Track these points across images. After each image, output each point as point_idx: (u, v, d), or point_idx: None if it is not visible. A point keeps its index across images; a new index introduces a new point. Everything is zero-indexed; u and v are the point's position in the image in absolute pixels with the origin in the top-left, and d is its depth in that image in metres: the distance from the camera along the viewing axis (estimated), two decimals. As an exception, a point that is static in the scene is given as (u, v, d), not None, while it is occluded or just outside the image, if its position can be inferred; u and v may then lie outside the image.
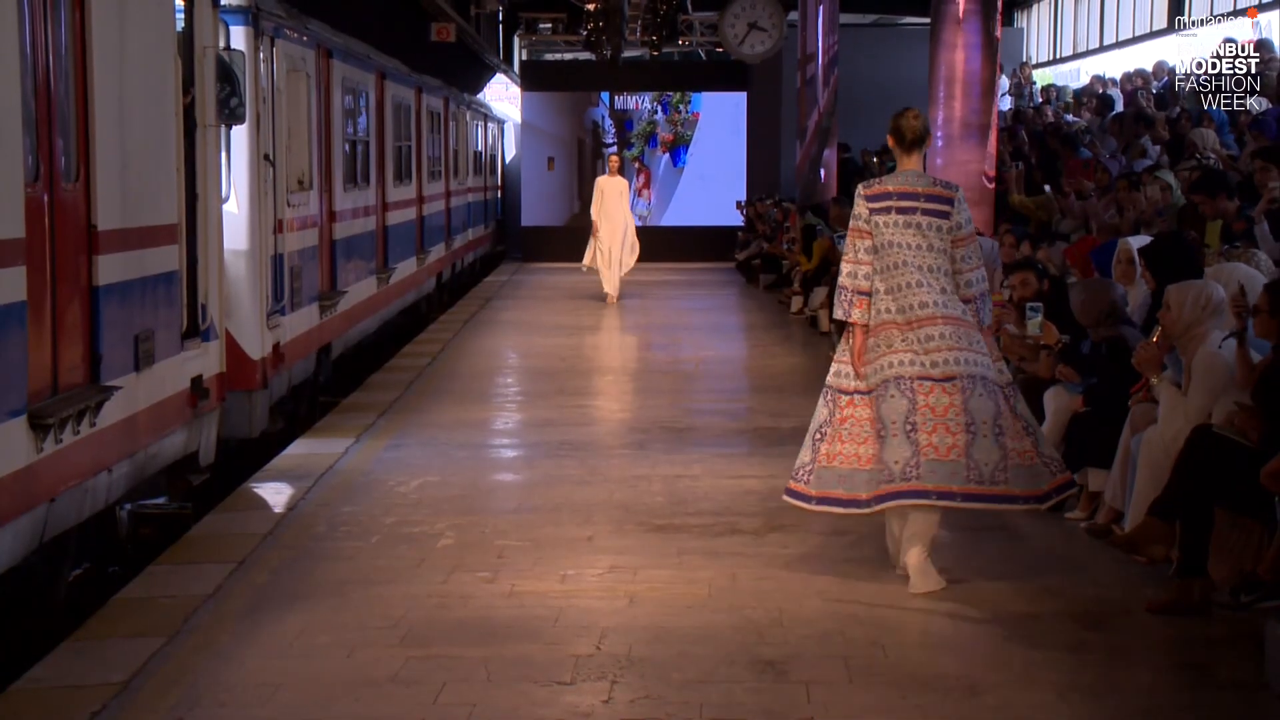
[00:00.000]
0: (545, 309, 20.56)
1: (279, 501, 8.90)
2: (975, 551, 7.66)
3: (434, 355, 15.57)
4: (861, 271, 6.95)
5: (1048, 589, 6.95)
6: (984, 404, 6.78)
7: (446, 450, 10.43)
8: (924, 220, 6.91)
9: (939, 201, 6.94)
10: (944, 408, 6.77)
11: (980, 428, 6.77)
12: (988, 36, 13.78)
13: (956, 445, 6.76)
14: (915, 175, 7.04)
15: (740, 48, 26.15)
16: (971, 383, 6.79)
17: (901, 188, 6.97)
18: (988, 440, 6.78)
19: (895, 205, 6.94)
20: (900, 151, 7.09)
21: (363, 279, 15.58)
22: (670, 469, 9.75)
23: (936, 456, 6.77)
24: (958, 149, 14.01)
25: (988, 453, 6.78)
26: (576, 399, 13.00)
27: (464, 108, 26.57)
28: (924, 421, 6.78)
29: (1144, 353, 7.38)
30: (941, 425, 6.77)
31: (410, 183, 19.55)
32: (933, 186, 6.99)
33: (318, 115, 13.35)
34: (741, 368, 15.23)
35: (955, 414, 6.76)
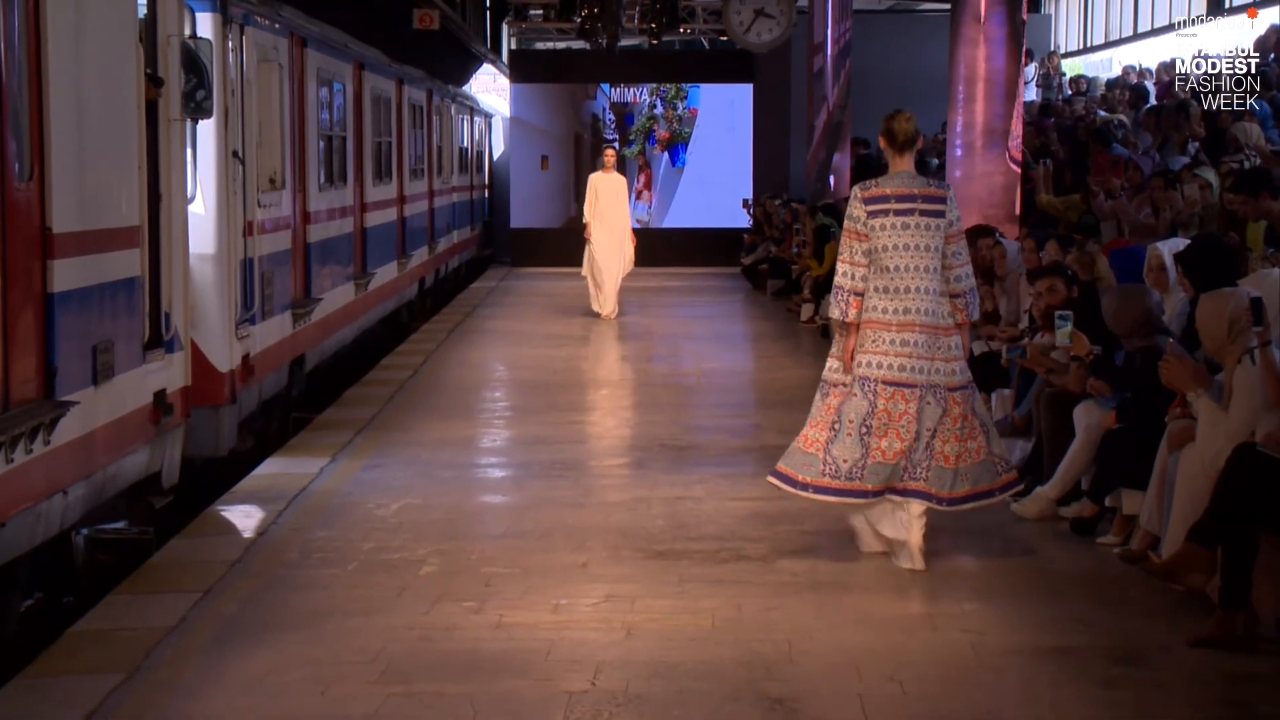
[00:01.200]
0: (536, 317, 20.56)
1: (248, 526, 8.88)
2: (1000, 579, 7.65)
3: (416, 368, 15.57)
4: (858, 273, 7.77)
5: (1079, 620, 6.94)
6: (931, 411, 7.72)
7: (430, 470, 10.41)
8: (921, 220, 7.72)
9: (934, 201, 7.77)
10: (899, 414, 7.70)
11: (924, 435, 7.71)
12: (1013, 29, 13.66)
13: (902, 450, 7.71)
14: (909, 177, 7.83)
15: (746, 36, 26.17)
16: (928, 391, 7.71)
17: (899, 190, 7.77)
18: (922, 444, 7.73)
19: (893, 208, 7.73)
20: (893, 153, 7.88)
21: (339, 285, 15.57)
22: (671, 490, 9.74)
23: (882, 459, 7.72)
24: (979, 159, 13.72)
25: (921, 454, 7.73)
26: (570, 415, 12.98)
27: (449, 100, 26.59)
28: (879, 425, 7.69)
29: (1171, 368, 7.35)
30: (893, 430, 7.70)
31: (391, 181, 19.56)
32: (927, 187, 7.81)
33: (291, 109, 13.35)
34: (747, 380, 15.23)
35: (908, 421, 7.70)
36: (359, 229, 17.07)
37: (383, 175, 18.88)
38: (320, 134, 14.73)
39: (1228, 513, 6.43)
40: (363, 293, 16.90)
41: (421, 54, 24.21)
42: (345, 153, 16.23)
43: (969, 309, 7.83)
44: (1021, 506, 8.85)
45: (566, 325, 19.19)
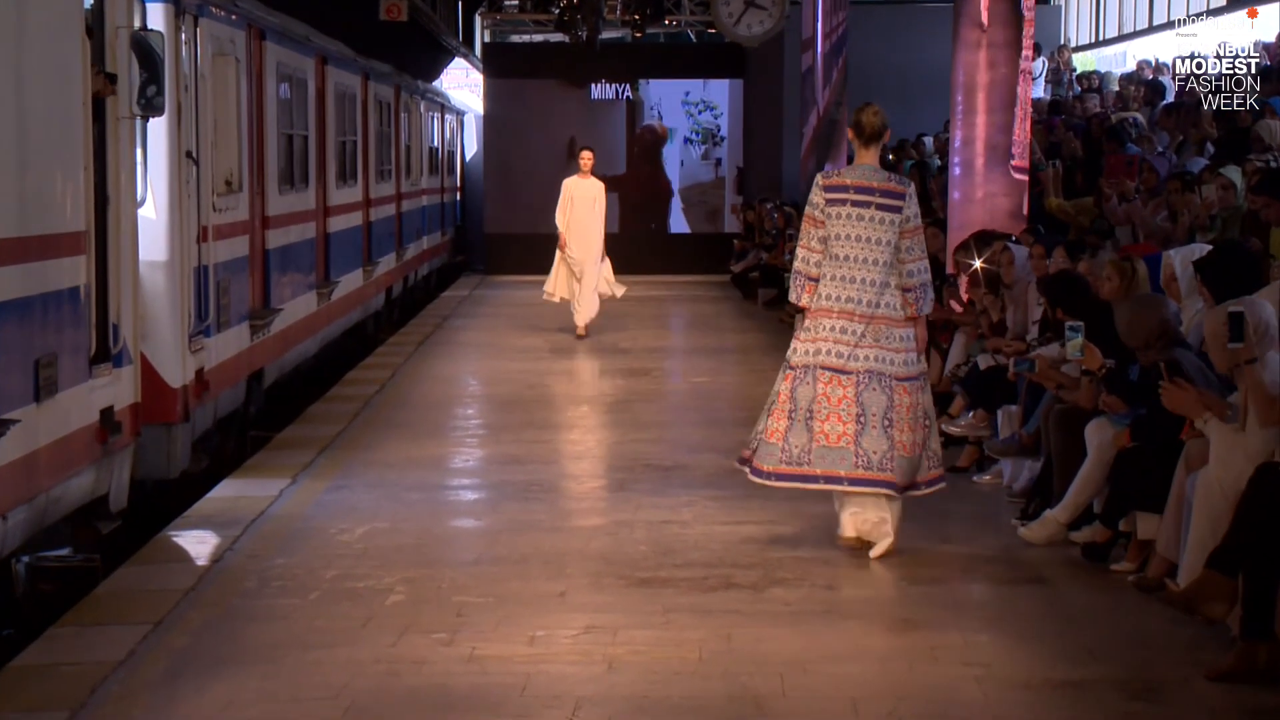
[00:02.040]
0: (512, 329, 20.55)
1: (202, 552, 8.85)
2: (1008, 607, 7.65)
3: (383, 383, 15.55)
4: (813, 259, 8.60)
5: (1090, 651, 6.94)
6: (876, 398, 8.43)
7: (397, 492, 10.40)
8: (877, 214, 8.49)
9: (892, 196, 8.53)
10: (838, 398, 8.45)
11: (870, 419, 8.43)
12: (1017, 33, 13.41)
13: (846, 434, 8.43)
14: (871, 170, 8.59)
15: (736, 28, 26.20)
16: (867, 377, 8.45)
17: (858, 181, 8.55)
18: (876, 430, 8.44)
19: (851, 198, 8.52)
20: (859, 145, 8.65)
21: (301, 294, 15.56)
22: (655, 513, 9.73)
23: (827, 444, 8.45)
24: (979, 179, 13.37)
25: (876, 442, 8.44)
26: (547, 433, 12.97)
27: (418, 97, 26.60)
28: (820, 409, 8.46)
29: (1172, 395, 7.36)
30: (834, 414, 8.45)
31: (355, 184, 19.55)
32: (887, 182, 8.58)
33: (248, 106, 13.34)
34: (738, 396, 15.22)
35: (847, 405, 8.44)
36: (322, 234, 17.06)
37: (347, 177, 18.87)
38: (280, 133, 14.72)
39: (1249, 538, 6.43)
40: (326, 303, 16.89)
41: (389, 47, 24.21)
42: (307, 153, 16.21)
43: (919, 304, 8.59)
44: (1029, 531, 8.85)
45: (544, 337, 19.18)
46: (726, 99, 29.51)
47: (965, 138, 13.67)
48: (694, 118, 29.71)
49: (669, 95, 29.66)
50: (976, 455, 10.90)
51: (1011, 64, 13.46)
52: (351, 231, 19.16)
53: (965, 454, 10.98)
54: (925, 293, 8.60)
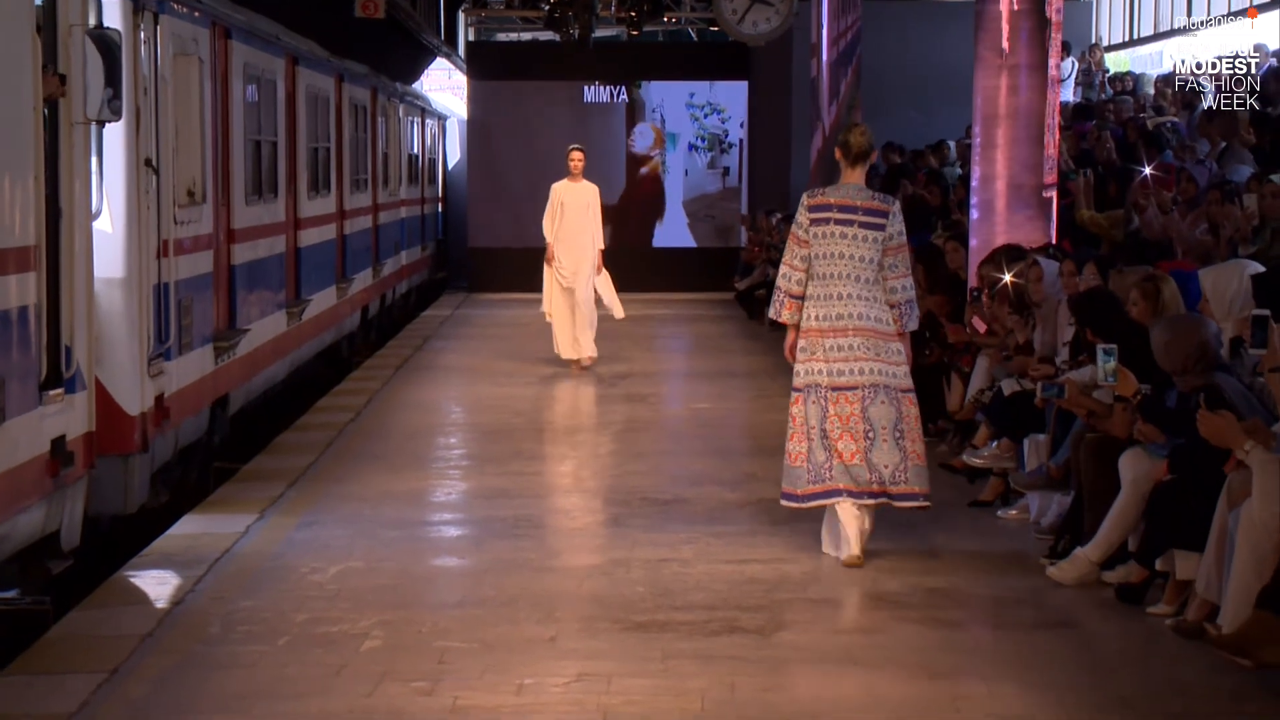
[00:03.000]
0: (498, 351, 20.54)
1: (162, 594, 8.84)
2: (1035, 653, 7.64)
3: (358, 410, 15.55)
4: (795, 276, 9.45)
5: (1125, 702, 6.93)
6: (884, 411, 9.26)
7: (373, 529, 10.39)
8: (860, 232, 9.33)
9: (876, 215, 9.37)
10: (847, 415, 9.28)
11: (879, 433, 9.25)
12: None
13: (858, 451, 9.25)
14: (856, 189, 9.44)
15: (740, 27, 26.22)
16: (873, 391, 9.27)
17: (842, 200, 9.40)
18: (887, 444, 9.26)
19: (834, 217, 9.36)
20: (845, 164, 9.54)
21: (270, 314, 15.57)
22: (653, 551, 9.73)
23: (844, 461, 9.28)
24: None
25: (887, 455, 9.26)
26: (536, 464, 12.96)
27: (396, 100, 26.64)
28: (833, 429, 9.29)
29: (1209, 423, 7.36)
30: (846, 433, 9.27)
31: (329, 194, 19.57)
32: (870, 200, 9.42)
33: (213, 110, 13.36)
34: (742, 424, 15.22)
35: (855, 422, 9.27)
36: (292, 249, 17.07)
37: (320, 187, 18.89)
38: (247, 139, 14.74)
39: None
40: (296, 323, 16.89)
41: (365, 47, 24.26)
42: (276, 161, 16.23)
43: (905, 320, 9.41)
44: (1059, 570, 8.85)
45: (533, 361, 19.17)
46: (743, 101, 29.53)
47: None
48: (699, 122, 29.78)
49: (671, 97, 29.71)
50: (1001, 488, 10.90)
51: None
52: (324, 246, 19.18)
53: (989, 487, 10.98)
54: (911, 309, 9.43)
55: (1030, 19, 13.19)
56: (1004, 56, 13.04)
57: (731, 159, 29.68)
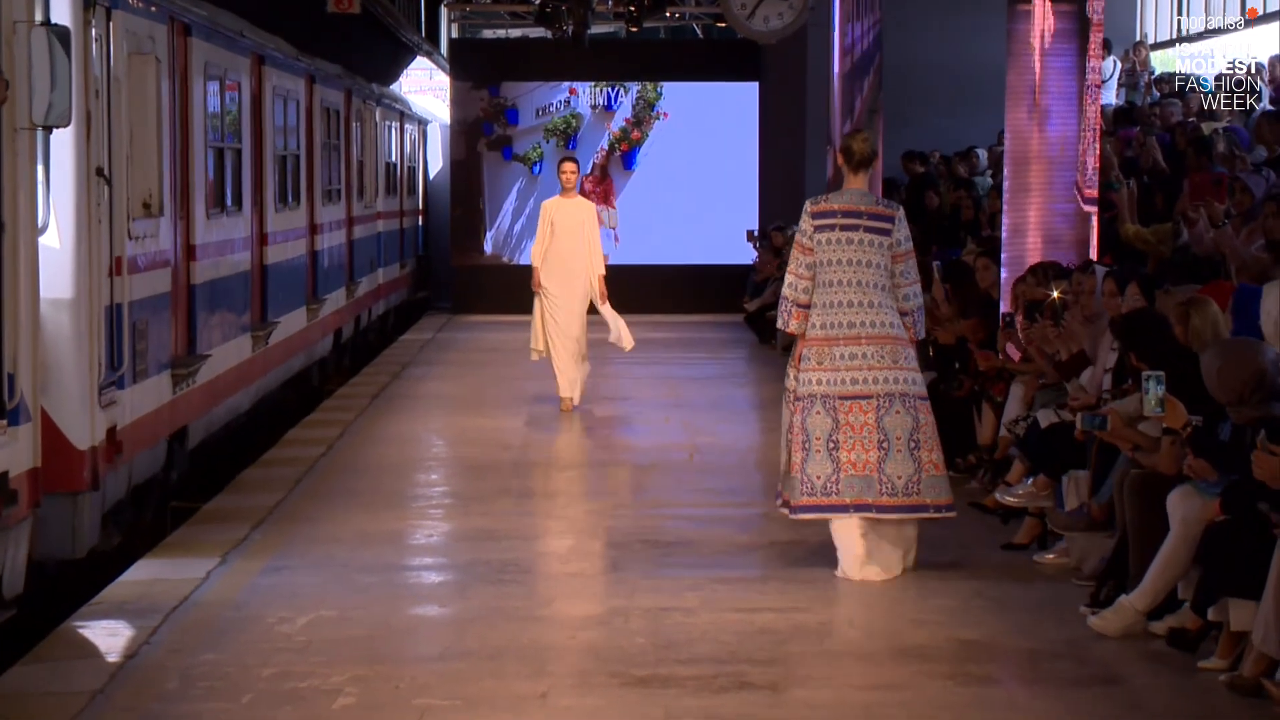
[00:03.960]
0: (484, 379, 20.53)
1: (114, 646, 8.82)
2: (1076, 712, 7.63)
3: (331, 443, 15.54)
4: (801, 285, 10.10)
5: (1175, 766, 6.92)
6: (900, 420, 9.89)
7: (347, 574, 10.38)
8: (865, 237, 10.02)
9: (880, 220, 10.08)
10: (860, 425, 9.87)
11: (894, 443, 9.87)
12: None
13: (870, 461, 9.85)
14: (859, 194, 10.17)
15: (749, 23, 26.22)
16: (888, 400, 9.90)
17: (846, 206, 10.10)
18: (902, 454, 9.88)
19: (839, 223, 10.04)
20: (848, 171, 10.22)
21: (233, 338, 15.56)
22: (654, 599, 9.72)
23: (854, 472, 9.86)
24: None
25: (901, 466, 9.87)
26: (526, 503, 12.95)
27: (373, 103, 26.68)
28: (845, 439, 9.87)
29: (1266, 464, 7.34)
30: (859, 443, 9.87)
31: (298, 206, 19.59)
32: (875, 206, 10.22)
33: (171, 114, 13.37)
34: (752, 459, 15.21)
35: (869, 431, 9.87)
36: (258, 267, 17.07)
37: (288, 198, 18.90)
38: (209, 146, 14.75)
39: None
40: (262, 347, 16.88)
41: (339, 45, 24.32)
42: (241, 170, 16.24)
43: (916, 327, 10.17)
44: (1102, 620, 8.83)
45: (522, 389, 19.16)
46: (753, 104, 29.59)
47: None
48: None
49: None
50: (1038, 530, 10.88)
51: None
52: (293, 264, 19.19)
53: (1024, 528, 10.97)
54: (921, 315, 10.24)
55: (1069, 33, 13.24)
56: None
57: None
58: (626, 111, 29.85)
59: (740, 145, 29.60)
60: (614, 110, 29.82)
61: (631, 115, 29.80)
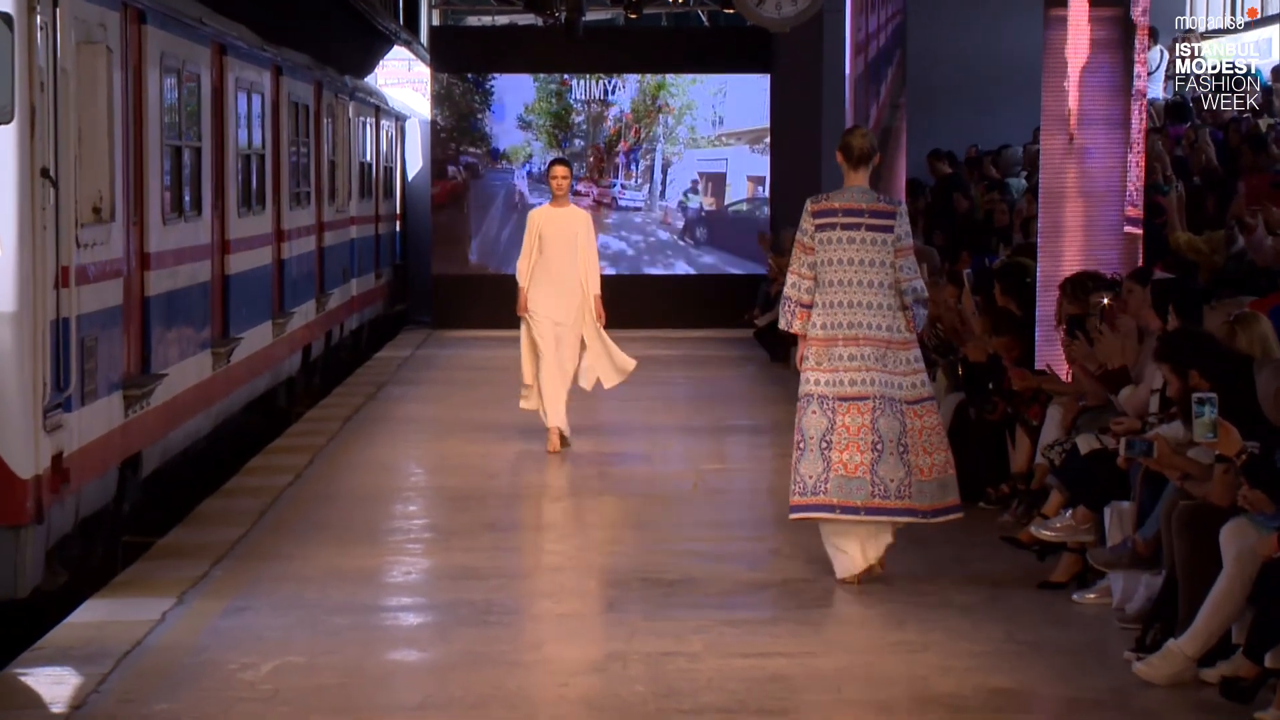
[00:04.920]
0: (468, 400, 20.52)
1: (59, 696, 8.81)
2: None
3: (299, 471, 15.54)
4: (804, 285, 10.97)
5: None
6: (890, 423, 10.74)
7: (317, 616, 10.38)
8: (867, 235, 10.83)
9: (882, 216, 10.88)
10: (857, 427, 10.73)
11: (886, 445, 10.72)
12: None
13: (863, 463, 10.71)
14: (860, 191, 10.96)
15: (760, 10, 26.23)
16: (881, 403, 10.75)
17: (847, 204, 10.91)
18: (893, 458, 10.73)
19: (840, 221, 10.87)
20: (847, 168, 10.99)
21: (192, 356, 15.55)
22: (655, 643, 9.72)
23: (845, 473, 10.73)
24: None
25: (892, 469, 10.73)
26: (513, 537, 12.95)
27: (345, 97, 26.68)
28: (839, 440, 10.75)
29: None
30: (853, 444, 10.73)
31: (264, 211, 19.58)
32: (876, 202, 10.97)
33: (124, 110, 13.36)
34: (762, 487, 15.21)
35: (865, 433, 10.73)
36: (219, 277, 17.06)
37: (253, 202, 18.89)
38: (165, 145, 14.74)
39: None
40: (224, 366, 16.88)
41: (308, 34, 24.33)
42: (200, 171, 16.23)
43: (916, 321, 10.92)
44: (1148, 666, 8.83)
45: (509, 411, 19.13)
46: (763, 98, 29.63)
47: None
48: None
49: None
50: (1078, 567, 10.88)
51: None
52: (258, 273, 19.17)
53: (1063, 565, 10.96)
54: (920, 310, 10.96)
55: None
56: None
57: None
58: (625, 106, 29.89)
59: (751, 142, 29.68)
60: (612, 104, 29.85)
61: (630, 110, 29.85)
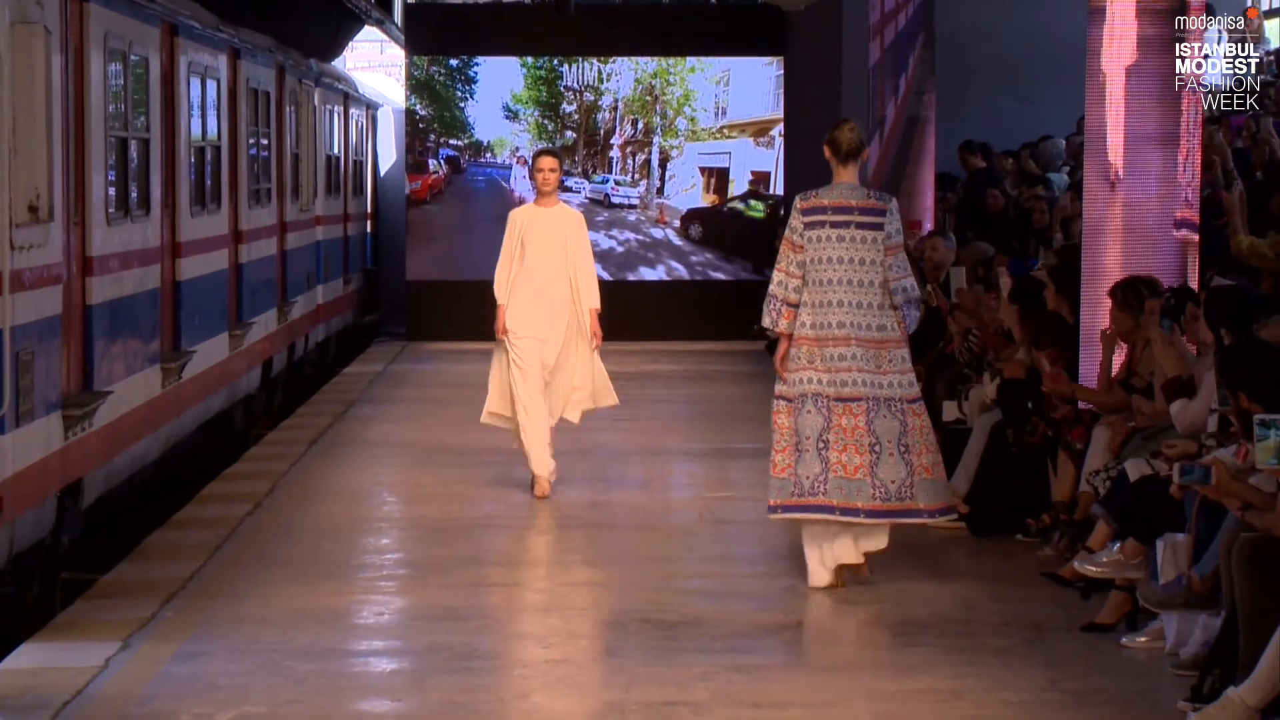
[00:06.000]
0: (446, 420, 20.52)
1: (-9, 750, 8.83)
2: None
3: (258, 500, 15.53)
4: (791, 284, 11.81)
5: None
6: (888, 424, 11.62)
7: (278, 661, 10.38)
8: (858, 233, 11.67)
9: (873, 214, 11.72)
10: (851, 428, 11.60)
11: (885, 447, 11.60)
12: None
13: (862, 465, 11.57)
14: (850, 188, 11.83)
15: (773, -15, 26.40)
16: (875, 404, 11.62)
17: (836, 201, 11.76)
18: (893, 459, 11.61)
19: (829, 219, 11.70)
20: (836, 163, 11.84)
21: (139, 371, 15.55)
22: (657, 692, 9.74)
23: (844, 475, 11.59)
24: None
25: (893, 470, 11.61)
26: (498, 573, 12.96)
27: (310, 84, 26.69)
28: (836, 440, 11.61)
29: None
30: (851, 445, 11.59)
31: (219, 210, 19.58)
32: (866, 199, 11.81)
33: (64, 97, 13.37)
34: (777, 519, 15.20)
35: (860, 435, 11.60)
36: (169, 283, 17.07)
37: (207, 200, 18.90)
38: (109, 136, 14.75)
39: None
40: (175, 382, 16.88)
41: (269, 13, 24.30)
42: (149, 165, 16.24)
43: (907, 322, 11.77)
44: (1204, 718, 8.83)
45: (492, 434, 19.14)
46: (774, 84, 29.66)
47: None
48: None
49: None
50: (1127, 607, 10.87)
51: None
52: (213, 279, 19.17)
53: (1110, 605, 10.96)
54: (911, 310, 11.81)
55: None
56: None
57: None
58: (621, 94, 29.92)
59: (785, 128, 29.71)
60: (605, 93, 29.87)
61: (624, 100, 29.89)
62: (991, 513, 13.40)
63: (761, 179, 29.99)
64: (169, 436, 16.91)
